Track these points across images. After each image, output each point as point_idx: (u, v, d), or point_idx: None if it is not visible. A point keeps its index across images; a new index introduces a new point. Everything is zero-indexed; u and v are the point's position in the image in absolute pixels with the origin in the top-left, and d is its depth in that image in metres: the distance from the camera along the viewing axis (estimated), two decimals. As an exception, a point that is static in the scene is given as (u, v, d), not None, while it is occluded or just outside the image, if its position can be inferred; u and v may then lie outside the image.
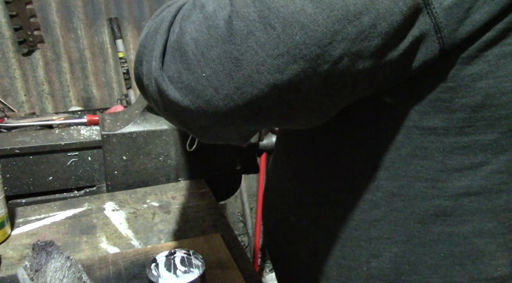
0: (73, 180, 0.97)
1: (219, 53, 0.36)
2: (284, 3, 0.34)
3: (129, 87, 1.79)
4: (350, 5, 0.34)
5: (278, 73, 0.35)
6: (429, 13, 0.36)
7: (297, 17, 0.34)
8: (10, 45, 1.62)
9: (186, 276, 0.67)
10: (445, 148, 0.43)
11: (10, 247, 0.78)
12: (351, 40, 0.35)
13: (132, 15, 1.77)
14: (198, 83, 0.37)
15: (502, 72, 0.39)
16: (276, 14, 0.34)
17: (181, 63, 0.37)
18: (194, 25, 0.37)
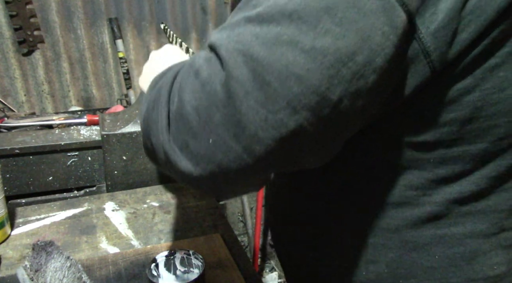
0: (73, 180, 0.97)
1: (221, 118, 0.36)
2: (276, 58, 0.34)
3: (129, 87, 1.79)
4: (342, 47, 0.34)
5: (282, 127, 0.35)
6: (417, 38, 0.37)
7: (291, 70, 0.34)
8: (10, 45, 1.62)
9: (186, 276, 0.67)
10: (435, 159, 0.44)
11: (10, 247, 0.78)
12: (348, 81, 0.35)
13: (132, 15, 1.77)
14: (207, 150, 0.37)
15: (489, 85, 0.40)
16: (269, 70, 0.34)
17: (186, 133, 0.38)
18: (192, 93, 0.37)
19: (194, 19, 1.88)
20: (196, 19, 1.88)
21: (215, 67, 0.37)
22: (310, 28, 0.35)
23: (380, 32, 0.35)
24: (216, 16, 1.92)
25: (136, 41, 1.81)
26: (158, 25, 1.80)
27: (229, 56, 0.36)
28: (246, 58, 0.35)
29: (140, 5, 1.77)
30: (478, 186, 0.45)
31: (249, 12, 0.38)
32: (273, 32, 0.35)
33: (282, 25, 0.35)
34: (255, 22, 0.36)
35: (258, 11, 0.37)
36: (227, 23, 0.40)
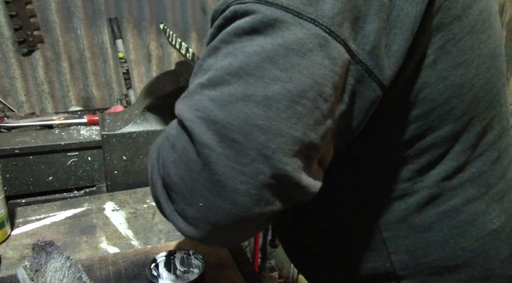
0: (73, 180, 0.97)
1: (203, 182, 0.39)
2: (234, 116, 0.37)
3: (129, 87, 1.78)
4: (293, 89, 0.38)
5: (260, 175, 0.38)
6: (358, 61, 0.41)
7: (251, 122, 0.37)
8: (10, 45, 1.61)
9: (186, 276, 0.67)
10: (415, 152, 0.50)
11: (10, 247, 0.78)
12: (306, 116, 0.38)
13: (132, 15, 1.77)
14: (200, 213, 0.41)
15: (433, 79, 0.47)
16: (232, 129, 0.37)
17: (181, 201, 0.42)
18: (174, 165, 0.41)
19: (194, 19, 1.88)
20: (196, 19, 1.88)
21: (185, 138, 0.40)
22: (258, 80, 0.38)
23: (322, 66, 0.38)
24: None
25: (136, 41, 1.81)
26: (158, 25, 1.80)
27: (193, 125, 0.39)
28: (208, 123, 0.38)
29: (140, 5, 1.77)
30: (459, 161, 0.51)
31: (202, 78, 0.41)
32: (226, 92, 0.38)
33: (232, 84, 0.38)
34: (209, 87, 0.39)
35: (209, 76, 0.40)
36: (187, 90, 0.43)
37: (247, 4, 0.39)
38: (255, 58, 0.38)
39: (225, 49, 0.40)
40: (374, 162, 0.51)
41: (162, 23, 1.27)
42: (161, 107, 0.98)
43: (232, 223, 0.40)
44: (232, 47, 0.40)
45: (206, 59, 0.42)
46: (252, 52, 0.38)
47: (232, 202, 0.39)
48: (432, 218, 0.52)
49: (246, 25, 0.39)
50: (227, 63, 0.39)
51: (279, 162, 0.38)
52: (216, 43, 0.41)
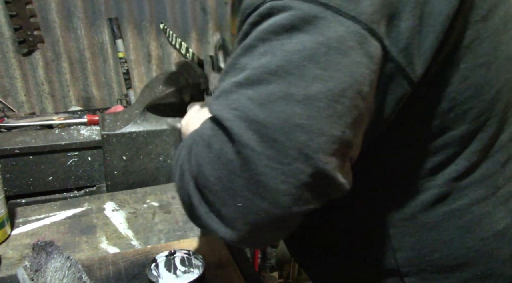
0: (73, 180, 0.97)
1: (243, 182, 0.39)
2: (275, 115, 0.37)
3: (129, 87, 1.78)
4: (333, 88, 0.37)
5: (301, 174, 0.38)
6: (391, 58, 0.41)
7: (292, 122, 0.37)
8: (10, 45, 1.61)
9: (186, 276, 0.67)
10: (429, 150, 0.50)
11: (10, 247, 0.78)
12: (345, 115, 0.38)
13: (132, 15, 1.77)
14: (238, 214, 0.40)
15: (456, 77, 0.47)
16: (273, 128, 0.37)
17: (217, 202, 0.41)
18: (210, 165, 0.40)
19: (194, 19, 1.87)
20: (196, 19, 1.88)
21: (223, 138, 0.40)
22: (298, 79, 0.37)
23: (361, 64, 0.38)
24: (216, 16, 1.92)
25: (136, 41, 1.81)
26: (158, 25, 1.80)
27: (233, 125, 0.38)
28: (248, 124, 0.38)
29: (140, 5, 1.76)
30: (470, 161, 0.51)
31: (237, 76, 0.40)
32: (265, 91, 0.38)
33: (272, 83, 0.38)
34: (246, 86, 0.39)
35: (246, 75, 0.39)
36: (220, 90, 0.43)
37: (284, 1, 0.39)
38: (295, 56, 0.38)
39: (262, 48, 0.39)
40: (391, 159, 0.52)
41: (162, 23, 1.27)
42: (161, 107, 0.98)
43: (271, 223, 0.40)
44: (269, 46, 0.39)
45: (240, 58, 0.41)
46: (292, 51, 0.38)
47: (272, 202, 0.39)
48: (439, 216, 0.53)
49: (284, 22, 0.38)
50: (265, 62, 0.39)
51: (319, 161, 0.38)
52: (252, 41, 0.40)
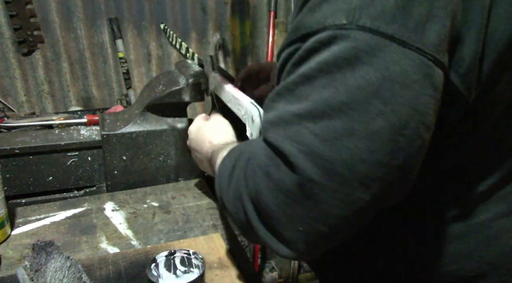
0: (73, 180, 0.97)
1: (305, 210, 0.41)
2: (339, 151, 0.38)
3: (129, 87, 1.78)
4: (395, 122, 0.38)
5: (360, 202, 0.40)
6: (450, 83, 0.41)
7: (356, 157, 0.38)
8: (10, 45, 1.61)
9: (186, 276, 0.67)
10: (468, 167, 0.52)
11: (10, 247, 0.78)
12: (407, 146, 0.39)
13: (132, 15, 1.77)
14: (300, 237, 0.43)
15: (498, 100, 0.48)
16: (336, 163, 0.39)
17: (277, 226, 0.44)
18: (270, 193, 0.43)
19: (194, 19, 1.87)
20: (196, 19, 1.88)
21: (284, 169, 0.41)
22: (362, 116, 0.38)
23: (426, 96, 0.38)
24: (216, 16, 1.92)
25: (136, 41, 1.81)
26: (158, 25, 1.80)
27: (297, 160, 0.40)
28: (312, 158, 0.39)
29: (140, 5, 1.76)
30: (497, 177, 0.52)
31: (296, 106, 0.41)
32: (329, 127, 0.39)
33: (336, 119, 0.39)
34: (308, 120, 0.40)
35: (307, 107, 0.40)
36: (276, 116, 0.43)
37: (348, 31, 0.38)
38: (359, 93, 0.38)
39: (323, 80, 0.40)
40: (431, 174, 0.51)
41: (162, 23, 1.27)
42: (161, 107, 0.98)
43: (329, 242, 0.44)
44: (331, 78, 0.39)
45: (299, 86, 0.42)
46: (355, 86, 0.38)
47: (333, 227, 0.42)
48: (461, 230, 0.53)
49: (347, 54, 0.38)
50: (328, 96, 0.39)
51: (379, 190, 0.40)
52: (312, 71, 0.40)
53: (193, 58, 1.08)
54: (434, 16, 0.37)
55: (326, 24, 0.39)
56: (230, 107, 0.82)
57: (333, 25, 0.39)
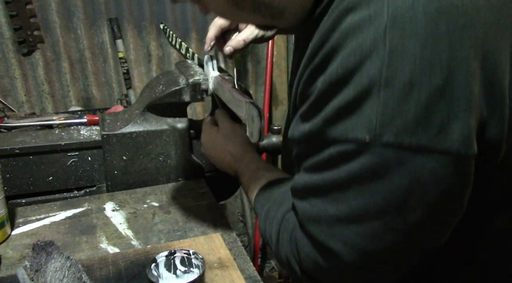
0: (73, 180, 0.97)
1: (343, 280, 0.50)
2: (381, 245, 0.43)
3: (129, 87, 1.78)
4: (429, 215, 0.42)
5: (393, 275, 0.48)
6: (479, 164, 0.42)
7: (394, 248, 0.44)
8: (10, 45, 1.61)
9: (186, 276, 0.67)
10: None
11: (10, 247, 0.78)
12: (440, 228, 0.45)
13: (132, 15, 1.76)
14: None
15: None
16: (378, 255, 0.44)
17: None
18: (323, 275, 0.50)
19: (194, 19, 1.87)
20: (196, 19, 1.88)
21: (333, 261, 0.46)
22: (397, 215, 0.42)
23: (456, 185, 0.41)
24: (216, 16, 1.91)
25: (136, 41, 1.81)
26: (158, 25, 1.80)
27: (344, 256, 0.45)
28: (357, 253, 0.44)
29: (140, 5, 1.76)
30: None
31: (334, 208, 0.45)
32: (369, 228, 0.43)
33: (375, 221, 0.42)
34: (349, 222, 0.44)
35: (346, 213, 0.44)
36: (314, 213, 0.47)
37: (372, 148, 0.39)
38: (392, 197, 0.41)
39: (356, 189, 0.42)
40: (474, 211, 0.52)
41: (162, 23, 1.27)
42: (161, 107, 0.98)
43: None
44: (364, 188, 0.42)
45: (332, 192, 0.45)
46: (388, 192, 0.41)
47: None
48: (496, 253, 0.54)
49: (374, 167, 0.40)
50: (363, 203, 0.42)
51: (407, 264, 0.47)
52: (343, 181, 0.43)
53: (193, 58, 1.08)
54: (455, 118, 0.38)
55: (349, 138, 0.41)
56: (230, 107, 0.82)
57: (356, 140, 0.40)
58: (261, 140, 0.67)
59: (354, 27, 0.39)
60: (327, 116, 0.42)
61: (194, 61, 1.07)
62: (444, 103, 0.38)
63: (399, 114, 0.38)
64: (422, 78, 0.37)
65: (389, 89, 0.38)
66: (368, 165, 0.40)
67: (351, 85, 0.39)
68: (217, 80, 0.88)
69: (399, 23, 0.38)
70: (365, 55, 0.38)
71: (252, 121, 0.68)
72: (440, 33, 0.37)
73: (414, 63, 0.37)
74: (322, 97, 0.43)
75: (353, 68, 0.39)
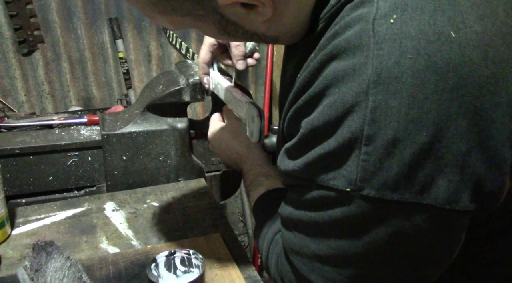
0: (73, 180, 0.97)
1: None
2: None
3: (129, 87, 1.78)
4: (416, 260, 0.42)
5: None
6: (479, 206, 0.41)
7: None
8: (10, 45, 1.61)
9: (186, 276, 0.67)
10: None
11: (10, 247, 0.78)
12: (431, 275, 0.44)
13: (132, 15, 1.77)
14: None
15: None
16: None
17: None
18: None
19: (194, 19, 1.87)
20: (196, 19, 1.88)
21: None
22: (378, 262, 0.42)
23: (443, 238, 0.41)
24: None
25: (136, 41, 1.81)
26: (158, 25, 1.80)
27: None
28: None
29: (140, 5, 1.76)
30: None
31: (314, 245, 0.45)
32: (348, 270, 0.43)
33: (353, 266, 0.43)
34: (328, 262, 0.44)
35: (326, 252, 0.44)
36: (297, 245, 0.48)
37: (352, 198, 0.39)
38: (372, 246, 0.41)
39: (337, 233, 0.43)
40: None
41: (162, 23, 1.27)
42: (161, 107, 0.98)
43: None
44: (345, 234, 0.42)
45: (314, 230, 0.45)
46: (368, 241, 0.41)
47: None
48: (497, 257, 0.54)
49: (356, 217, 0.40)
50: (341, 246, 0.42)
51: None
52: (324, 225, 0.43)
53: (193, 58, 1.08)
54: (441, 174, 0.37)
55: (330, 185, 0.41)
56: (230, 107, 0.82)
57: (336, 188, 0.40)
58: (261, 140, 0.67)
59: (337, 76, 0.39)
60: (309, 161, 0.42)
61: (194, 61, 1.07)
62: (429, 160, 0.37)
63: (380, 170, 0.37)
64: (407, 137, 0.36)
65: (370, 146, 0.37)
66: (348, 213, 0.40)
67: (333, 137, 0.39)
68: (217, 80, 0.88)
69: (383, 79, 0.36)
70: (346, 108, 0.38)
71: (252, 121, 0.68)
72: (427, 93, 0.36)
73: (398, 122, 0.36)
74: (304, 142, 0.43)
75: (334, 120, 0.39)
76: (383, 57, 0.36)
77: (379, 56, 0.36)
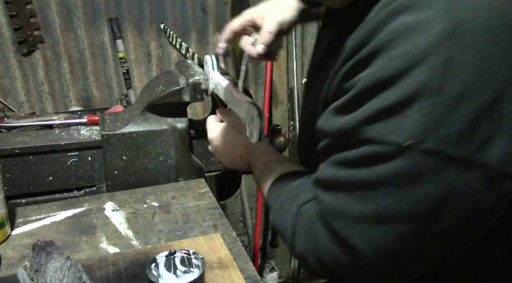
0: (73, 180, 0.97)
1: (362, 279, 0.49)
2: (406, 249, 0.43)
3: (129, 87, 1.78)
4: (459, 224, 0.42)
5: (407, 277, 0.49)
6: None
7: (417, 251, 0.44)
8: (10, 45, 1.61)
9: (186, 276, 0.67)
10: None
11: (10, 247, 0.78)
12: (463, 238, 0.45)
13: (132, 15, 1.76)
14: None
15: None
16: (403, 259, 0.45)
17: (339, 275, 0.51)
18: (340, 270, 0.49)
19: (194, 19, 1.87)
20: (196, 19, 1.88)
21: (353, 258, 0.46)
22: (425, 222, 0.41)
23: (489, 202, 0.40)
24: (216, 16, 1.91)
25: (136, 41, 1.81)
26: (158, 25, 1.80)
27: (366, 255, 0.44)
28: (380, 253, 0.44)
29: (140, 5, 1.76)
30: None
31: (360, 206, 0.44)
32: (395, 230, 0.42)
33: (401, 224, 0.42)
34: (375, 222, 0.43)
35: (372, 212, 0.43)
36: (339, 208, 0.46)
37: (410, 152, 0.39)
38: (421, 205, 0.40)
39: (385, 191, 0.42)
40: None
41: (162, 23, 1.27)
42: (161, 107, 0.98)
43: None
44: (394, 191, 0.41)
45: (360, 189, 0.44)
46: (418, 200, 0.40)
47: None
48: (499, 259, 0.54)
49: (409, 173, 0.40)
50: (391, 205, 0.42)
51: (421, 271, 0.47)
52: (372, 181, 0.42)
53: (193, 58, 1.08)
54: (500, 132, 0.37)
55: (386, 140, 0.40)
56: (230, 107, 0.82)
57: (394, 143, 0.39)
58: (261, 140, 0.67)
59: (406, 29, 0.39)
60: (366, 114, 0.41)
61: (194, 61, 1.07)
62: (491, 118, 0.37)
63: (444, 124, 0.37)
64: (474, 92, 0.37)
65: (438, 98, 0.37)
66: (403, 169, 0.40)
67: (397, 87, 0.39)
68: (217, 80, 0.88)
69: (458, 32, 0.37)
70: (416, 60, 0.38)
71: (252, 121, 0.68)
72: (498, 51, 0.37)
73: (468, 75, 0.37)
74: (362, 94, 0.42)
75: (401, 71, 0.38)
76: (459, 12, 0.37)
77: (456, 11, 0.37)
